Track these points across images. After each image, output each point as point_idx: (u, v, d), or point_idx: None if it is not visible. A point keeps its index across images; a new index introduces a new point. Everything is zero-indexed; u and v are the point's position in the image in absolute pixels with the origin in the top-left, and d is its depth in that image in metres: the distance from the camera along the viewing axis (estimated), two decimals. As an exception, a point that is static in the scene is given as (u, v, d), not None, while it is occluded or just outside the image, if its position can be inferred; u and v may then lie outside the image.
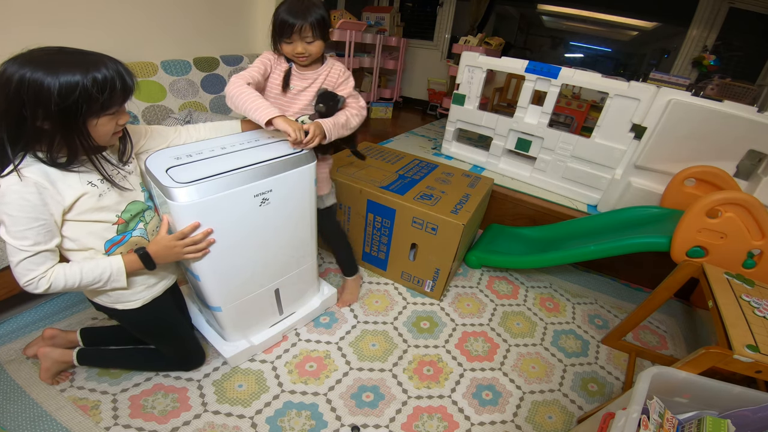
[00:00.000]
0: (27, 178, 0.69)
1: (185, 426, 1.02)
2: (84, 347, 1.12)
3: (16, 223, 0.71)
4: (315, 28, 1.03)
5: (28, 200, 0.70)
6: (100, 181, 0.79)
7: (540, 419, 1.18)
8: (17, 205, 0.70)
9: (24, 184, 0.69)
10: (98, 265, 0.82)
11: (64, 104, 0.65)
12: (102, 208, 0.81)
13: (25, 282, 0.75)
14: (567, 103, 2.87)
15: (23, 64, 0.63)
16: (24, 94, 0.63)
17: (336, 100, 1.12)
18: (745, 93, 2.77)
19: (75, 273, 0.79)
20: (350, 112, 1.14)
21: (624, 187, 1.88)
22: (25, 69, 0.63)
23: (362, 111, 1.18)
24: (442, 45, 4.29)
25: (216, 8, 2.22)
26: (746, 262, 1.21)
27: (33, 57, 0.65)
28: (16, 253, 0.73)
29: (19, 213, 0.70)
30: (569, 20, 5.26)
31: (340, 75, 1.17)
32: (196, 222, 0.87)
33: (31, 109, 0.64)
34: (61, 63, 0.65)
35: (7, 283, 1.15)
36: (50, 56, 0.66)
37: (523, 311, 1.61)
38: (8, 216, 0.70)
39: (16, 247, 0.72)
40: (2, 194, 0.69)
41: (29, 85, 0.63)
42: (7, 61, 0.65)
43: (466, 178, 1.78)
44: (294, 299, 1.33)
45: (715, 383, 0.79)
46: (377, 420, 1.11)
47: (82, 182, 0.76)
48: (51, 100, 0.64)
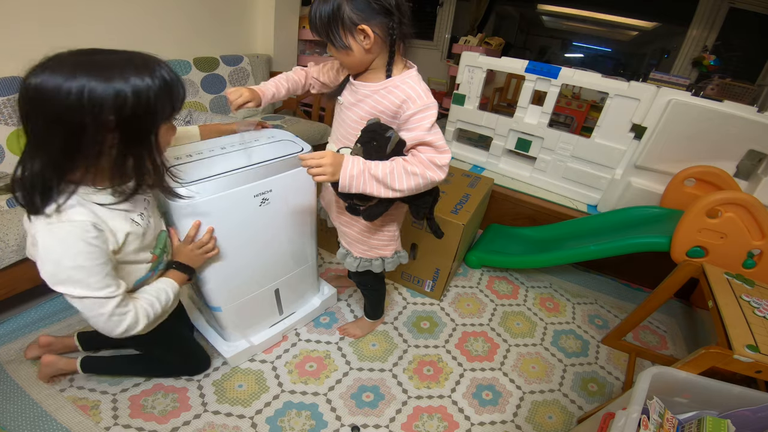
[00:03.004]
0: (82, 221, 0.60)
1: (185, 426, 1.02)
2: (87, 355, 1.11)
3: (93, 273, 0.62)
4: (319, 31, 0.78)
5: (95, 245, 0.62)
6: (141, 218, 0.72)
7: (540, 419, 1.18)
8: (86, 254, 0.61)
9: (83, 228, 0.60)
10: (160, 289, 0.78)
11: (136, 113, 0.56)
12: (144, 248, 0.75)
13: (123, 330, 0.68)
14: (567, 103, 2.87)
15: (71, 71, 0.52)
16: (84, 107, 0.53)
17: (381, 138, 0.77)
18: (745, 93, 2.77)
19: (153, 303, 0.74)
20: (404, 165, 0.76)
21: (624, 187, 1.88)
22: (78, 76, 0.52)
23: (428, 172, 0.77)
24: (442, 45, 4.29)
25: (216, 8, 2.22)
26: (746, 262, 1.21)
27: (79, 62, 0.54)
28: (103, 305, 0.65)
29: (92, 262, 0.62)
30: (569, 20, 5.27)
31: (404, 103, 0.78)
32: (197, 221, 0.87)
33: (93, 125, 0.54)
34: (116, 65, 0.55)
35: (7, 283, 1.15)
36: (96, 57, 0.56)
37: (523, 311, 1.61)
38: (80, 269, 0.61)
39: (102, 297, 0.64)
40: (65, 247, 0.59)
41: (90, 95, 0.52)
42: (37, 70, 0.53)
43: (466, 178, 1.78)
44: (294, 299, 1.33)
45: (715, 383, 0.79)
46: (377, 420, 1.11)
47: (126, 220, 0.69)
48: (121, 110, 0.54)
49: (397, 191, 0.77)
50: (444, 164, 0.78)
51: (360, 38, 0.75)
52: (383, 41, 0.77)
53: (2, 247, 1.08)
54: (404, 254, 1.10)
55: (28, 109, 0.55)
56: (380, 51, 0.79)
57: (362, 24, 0.73)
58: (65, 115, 0.53)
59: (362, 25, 0.73)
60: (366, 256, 1.05)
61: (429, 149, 0.78)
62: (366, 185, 0.77)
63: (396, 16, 0.74)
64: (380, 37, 0.75)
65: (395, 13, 0.74)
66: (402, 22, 0.76)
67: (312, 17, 0.76)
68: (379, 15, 0.73)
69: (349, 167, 0.76)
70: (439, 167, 0.78)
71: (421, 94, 0.78)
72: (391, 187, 0.77)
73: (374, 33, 0.74)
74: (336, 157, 0.76)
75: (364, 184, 0.77)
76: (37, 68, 0.54)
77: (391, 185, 0.77)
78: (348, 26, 0.73)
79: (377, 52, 0.79)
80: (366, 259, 1.05)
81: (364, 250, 1.04)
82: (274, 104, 2.52)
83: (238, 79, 2.27)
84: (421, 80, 0.82)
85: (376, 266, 1.06)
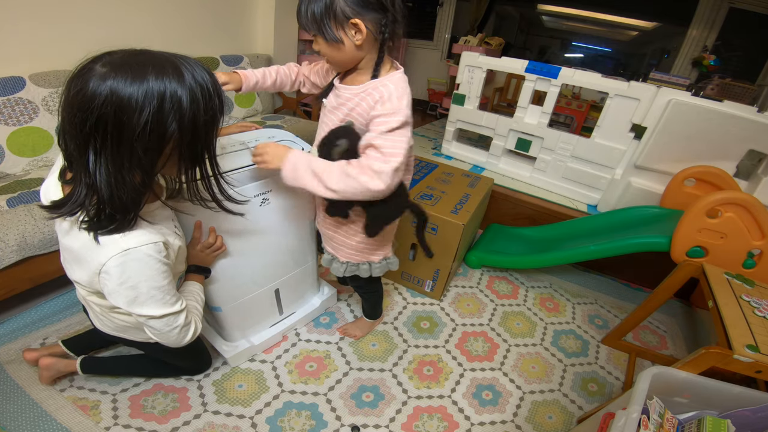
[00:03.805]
0: (156, 243, 0.59)
1: (185, 426, 1.02)
2: (87, 356, 1.10)
3: (168, 291, 0.64)
4: (309, 23, 0.73)
5: (166, 263, 0.63)
6: (178, 230, 0.73)
7: (540, 419, 1.18)
8: (162, 274, 0.61)
9: (158, 249, 0.60)
10: (194, 292, 0.80)
11: (206, 115, 0.54)
12: (185, 256, 0.77)
13: (190, 337, 0.72)
14: (567, 103, 2.87)
15: (142, 74, 0.48)
16: (165, 111, 0.49)
17: (332, 145, 0.77)
18: (745, 93, 2.77)
19: (196, 306, 0.77)
20: (343, 165, 0.75)
21: (624, 187, 1.88)
22: (155, 77, 0.48)
23: (363, 177, 0.72)
24: (442, 45, 4.29)
25: (216, 8, 2.22)
26: (746, 262, 1.21)
27: (141, 62, 0.49)
28: (177, 318, 0.67)
29: (166, 280, 0.63)
30: (569, 20, 5.27)
31: (376, 104, 0.75)
32: (198, 221, 0.87)
33: (170, 131, 0.51)
34: (176, 64, 0.52)
35: (7, 283, 1.15)
36: (149, 57, 0.51)
37: (523, 311, 1.61)
38: (158, 289, 0.62)
39: (176, 311, 0.66)
40: (143, 270, 0.59)
41: (172, 98, 0.49)
42: (95, 74, 0.47)
43: (466, 178, 1.78)
44: (294, 299, 1.33)
45: (715, 383, 0.79)
46: (377, 420, 1.11)
47: (174, 235, 0.69)
48: (197, 112, 0.52)
49: (331, 190, 0.75)
50: (382, 171, 0.71)
51: (351, 33, 0.72)
52: (374, 38, 0.75)
53: (2, 247, 1.08)
54: (394, 260, 1.08)
55: (97, 120, 0.48)
56: (370, 49, 0.77)
57: (355, 18, 0.70)
58: (149, 123, 0.49)
59: (355, 19, 0.70)
60: (353, 260, 1.02)
61: (375, 153, 0.73)
62: (305, 178, 0.76)
63: (390, 13, 0.72)
64: (372, 33, 0.73)
65: (390, 10, 0.72)
66: (396, 19, 0.74)
67: (302, 10, 0.72)
68: (374, 10, 0.71)
69: (292, 159, 0.77)
70: (376, 173, 0.72)
71: (394, 97, 0.74)
72: (324, 184, 0.75)
73: (366, 29, 0.72)
74: (278, 148, 0.78)
75: (303, 177, 0.76)
76: (96, 75, 0.48)
77: (326, 182, 0.74)
78: (340, 19, 0.71)
79: (367, 50, 0.77)
80: (353, 264, 1.03)
81: (350, 254, 1.02)
82: (274, 104, 2.52)
83: (238, 79, 2.27)
84: (405, 83, 0.78)
85: (363, 270, 1.04)
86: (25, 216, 1.14)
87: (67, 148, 0.53)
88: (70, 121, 0.49)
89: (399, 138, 0.74)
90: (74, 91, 0.48)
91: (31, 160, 1.45)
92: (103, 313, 0.80)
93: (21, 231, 1.11)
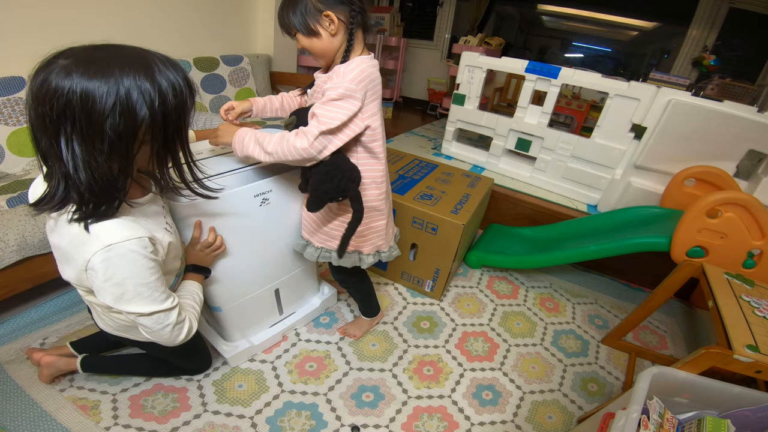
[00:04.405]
0: (141, 238, 0.59)
1: (185, 426, 1.02)
2: (87, 355, 1.10)
3: (157, 288, 0.63)
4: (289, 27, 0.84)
5: (154, 259, 0.62)
6: (169, 225, 0.73)
7: (540, 419, 1.18)
8: (149, 270, 0.61)
9: (143, 245, 0.59)
10: (192, 292, 0.80)
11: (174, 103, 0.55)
12: (177, 256, 0.76)
13: (184, 336, 0.70)
14: (567, 103, 2.87)
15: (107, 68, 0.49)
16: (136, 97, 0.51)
17: (286, 121, 0.90)
18: (745, 93, 2.77)
19: (193, 305, 0.76)
20: (284, 133, 0.82)
21: (624, 187, 1.88)
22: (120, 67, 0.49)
23: (292, 136, 0.80)
24: (442, 45, 4.29)
25: (216, 8, 2.22)
26: (746, 262, 1.21)
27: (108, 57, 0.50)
28: (168, 316, 0.66)
29: (154, 276, 0.62)
30: (569, 20, 5.26)
31: (329, 79, 0.85)
32: (198, 221, 0.87)
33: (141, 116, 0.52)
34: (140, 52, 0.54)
35: (7, 283, 1.15)
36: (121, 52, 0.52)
37: (523, 311, 1.61)
38: (145, 285, 0.61)
39: (167, 308, 0.65)
40: (129, 266, 0.58)
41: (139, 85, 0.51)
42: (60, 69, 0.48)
43: (466, 178, 1.78)
44: (294, 299, 1.33)
45: (715, 383, 0.79)
46: (377, 420, 1.11)
47: (163, 230, 0.69)
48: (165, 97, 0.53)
49: (267, 153, 0.82)
50: (308, 131, 0.79)
51: (326, 24, 0.82)
52: (346, 28, 0.84)
53: (2, 247, 1.08)
54: (367, 258, 1.06)
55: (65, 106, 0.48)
56: (345, 38, 0.85)
57: (327, 10, 0.80)
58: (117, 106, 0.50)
59: (327, 11, 0.80)
60: (327, 246, 1.05)
61: (313, 121, 0.80)
62: (249, 146, 0.84)
63: (356, 5, 0.82)
64: (344, 23, 0.83)
65: (356, 2, 0.82)
66: (363, 10, 0.84)
67: (281, 16, 0.84)
68: (340, 3, 0.81)
69: (240, 132, 0.85)
70: (303, 132, 0.80)
71: (341, 72, 0.82)
72: (264, 149, 0.82)
73: (338, 19, 0.82)
74: (230, 127, 0.89)
75: (247, 145, 0.84)
76: (58, 67, 0.48)
77: (265, 147, 0.82)
78: (314, 14, 0.81)
79: (342, 39, 0.85)
80: (326, 250, 1.05)
81: (324, 239, 1.05)
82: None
83: (238, 79, 2.27)
84: (364, 64, 0.83)
85: (334, 258, 1.05)
86: (25, 216, 1.14)
87: (38, 143, 0.53)
88: (37, 114, 0.50)
89: (335, 108, 0.80)
90: (38, 84, 0.49)
91: (31, 160, 1.45)
92: (104, 312, 0.80)
93: (21, 231, 1.11)
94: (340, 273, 1.16)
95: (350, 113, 0.81)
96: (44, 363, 1.04)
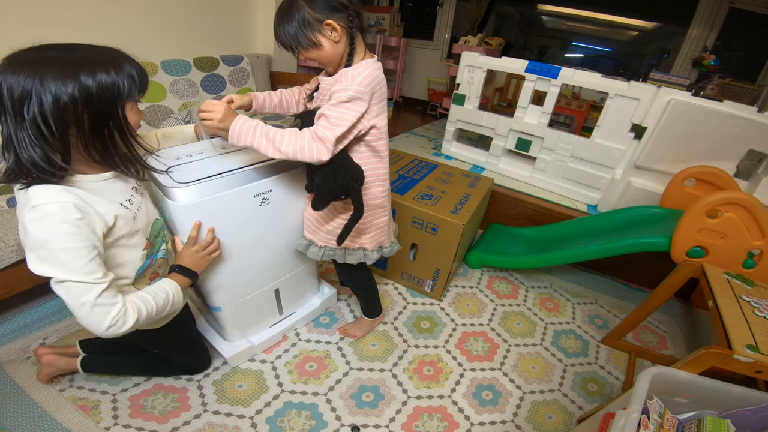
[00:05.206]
0: (64, 202, 0.60)
1: (185, 426, 1.02)
2: (87, 355, 1.10)
3: (78, 257, 0.61)
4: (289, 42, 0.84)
5: (79, 226, 0.61)
6: (129, 203, 0.74)
7: (540, 419, 1.18)
8: (70, 236, 0.60)
9: (65, 209, 0.60)
10: (160, 288, 0.77)
11: (102, 100, 0.60)
12: (136, 232, 0.75)
13: (109, 323, 0.64)
14: (567, 103, 2.87)
15: (35, 69, 0.56)
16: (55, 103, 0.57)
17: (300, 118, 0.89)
18: (745, 93, 2.77)
19: (147, 300, 0.72)
20: (296, 131, 0.83)
21: (624, 187, 1.88)
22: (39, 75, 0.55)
23: (306, 139, 0.81)
24: (442, 45, 4.29)
25: (216, 8, 2.22)
26: (746, 262, 1.21)
27: (41, 58, 0.58)
28: (88, 291, 0.62)
29: (76, 244, 0.61)
30: (569, 20, 5.27)
31: (337, 82, 0.86)
32: (198, 221, 0.87)
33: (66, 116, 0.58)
34: (73, 44, 0.61)
35: (7, 283, 1.15)
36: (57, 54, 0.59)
37: (523, 311, 1.61)
38: (63, 251, 0.60)
39: (88, 282, 0.62)
40: (49, 227, 0.59)
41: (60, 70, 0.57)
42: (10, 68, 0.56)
43: (466, 178, 1.78)
44: (294, 299, 1.33)
45: (715, 383, 0.79)
46: (377, 420, 1.11)
47: (113, 204, 0.70)
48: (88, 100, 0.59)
49: (280, 151, 0.81)
50: (324, 137, 0.80)
51: (328, 32, 0.82)
52: (348, 33, 0.84)
53: (2, 247, 1.08)
54: (371, 255, 1.07)
55: None
56: (347, 43, 0.86)
57: (327, 19, 0.81)
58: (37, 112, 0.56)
59: (328, 20, 0.81)
60: (330, 245, 1.06)
61: (323, 122, 0.82)
62: (254, 139, 0.81)
63: (352, 10, 0.83)
64: (345, 29, 0.84)
65: (351, 7, 0.83)
66: (359, 14, 0.84)
67: (279, 32, 0.83)
68: (338, 11, 0.82)
69: (241, 121, 0.81)
70: (319, 138, 0.80)
71: (350, 75, 0.83)
72: (277, 147, 0.81)
73: (339, 26, 0.82)
74: (230, 111, 0.82)
75: (251, 138, 0.81)
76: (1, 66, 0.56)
77: (278, 145, 0.81)
78: (314, 26, 0.81)
79: (345, 44, 0.86)
80: (330, 248, 1.06)
81: (327, 238, 1.05)
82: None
83: (238, 79, 2.27)
84: (370, 67, 0.85)
85: (339, 256, 1.07)
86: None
87: None
88: None
89: (345, 110, 0.82)
90: None
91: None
92: None
93: (21, 231, 1.11)
94: (345, 271, 1.16)
95: (359, 114, 0.83)
96: (44, 362, 1.04)
